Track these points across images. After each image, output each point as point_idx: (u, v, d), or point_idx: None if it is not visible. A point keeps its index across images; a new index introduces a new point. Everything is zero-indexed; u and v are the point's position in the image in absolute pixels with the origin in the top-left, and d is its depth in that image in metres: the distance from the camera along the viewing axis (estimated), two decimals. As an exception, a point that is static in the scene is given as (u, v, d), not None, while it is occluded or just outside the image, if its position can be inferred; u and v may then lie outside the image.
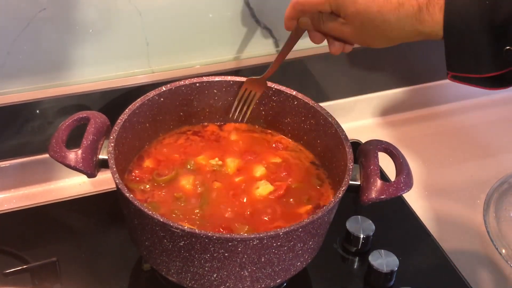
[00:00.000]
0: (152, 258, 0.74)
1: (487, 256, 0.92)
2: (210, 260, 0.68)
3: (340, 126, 0.82)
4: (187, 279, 0.72)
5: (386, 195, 0.73)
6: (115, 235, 0.90)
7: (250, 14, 0.98)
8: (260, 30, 1.00)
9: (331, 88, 1.11)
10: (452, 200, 1.01)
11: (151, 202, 0.78)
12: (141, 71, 0.97)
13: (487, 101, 1.24)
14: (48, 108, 0.91)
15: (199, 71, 0.98)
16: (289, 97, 0.87)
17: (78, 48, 0.91)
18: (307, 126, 0.87)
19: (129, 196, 0.69)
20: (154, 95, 0.84)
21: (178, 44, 0.97)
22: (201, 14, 0.95)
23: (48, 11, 0.85)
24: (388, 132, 1.15)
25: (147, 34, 0.93)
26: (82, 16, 0.88)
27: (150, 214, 0.67)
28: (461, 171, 1.07)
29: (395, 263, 0.83)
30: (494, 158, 1.11)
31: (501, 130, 1.18)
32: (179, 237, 0.67)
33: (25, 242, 0.87)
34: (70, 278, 0.82)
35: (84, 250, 0.86)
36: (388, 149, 0.79)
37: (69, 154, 0.74)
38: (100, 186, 0.95)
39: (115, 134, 0.76)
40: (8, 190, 0.95)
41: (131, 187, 0.80)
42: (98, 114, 0.79)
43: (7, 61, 0.87)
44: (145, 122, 0.84)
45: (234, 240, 0.66)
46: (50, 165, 0.94)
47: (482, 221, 0.95)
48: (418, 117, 1.19)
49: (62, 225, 0.91)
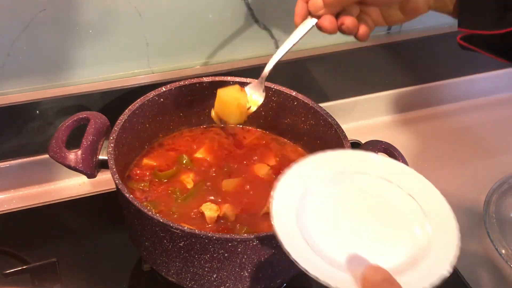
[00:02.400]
0: (152, 259, 0.74)
1: (487, 256, 0.91)
2: (210, 260, 0.68)
3: (340, 126, 0.82)
4: (187, 279, 0.72)
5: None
6: (115, 235, 0.90)
7: (250, 15, 0.98)
8: (260, 30, 1.00)
9: (331, 88, 1.11)
10: (452, 200, 1.01)
11: (151, 201, 0.79)
12: (141, 72, 0.97)
13: (487, 102, 1.24)
14: (48, 108, 0.91)
15: (199, 71, 0.98)
16: (289, 97, 0.87)
17: (78, 49, 0.91)
18: (307, 126, 0.87)
19: (129, 196, 0.69)
20: (154, 95, 0.84)
21: (178, 44, 0.97)
22: (201, 14, 0.95)
23: (48, 11, 0.85)
24: (388, 132, 1.15)
25: (147, 34, 0.94)
26: (82, 17, 0.88)
27: (150, 215, 0.67)
28: (461, 172, 1.07)
29: (395, 264, 0.83)
30: (494, 158, 1.11)
31: (501, 131, 1.18)
32: (179, 238, 0.67)
33: (25, 243, 0.87)
34: (70, 279, 0.82)
35: (84, 251, 0.86)
36: (388, 149, 0.79)
37: (69, 155, 0.74)
38: (100, 186, 0.95)
39: (115, 135, 0.76)
40: (8, 191, 0.95)
41: (130, 186, 0.80)
42: (98, 114, 0.79)
43: (7, 62, 0.87)
44: (145, 122, 0.84)
45: (234, 241, 0.66)
46: (50, 166, 0.94)
47: (482, 221, 0.95)
48: (418, 118, 1.19)
49: (62, 226, 0.91)
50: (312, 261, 0.57)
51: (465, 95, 1.23)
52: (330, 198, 0.63)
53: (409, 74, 1.17)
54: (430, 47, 1.15)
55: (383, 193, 0.65)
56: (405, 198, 0.65)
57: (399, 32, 1.13)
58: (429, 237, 0.62)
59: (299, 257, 0.56)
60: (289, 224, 0.60)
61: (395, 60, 1.13)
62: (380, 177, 0.66)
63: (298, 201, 0.62)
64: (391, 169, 0.67)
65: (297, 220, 0.61)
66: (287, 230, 0.59)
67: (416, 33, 1.13)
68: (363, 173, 0.66)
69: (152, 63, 0.97)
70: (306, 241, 0.59)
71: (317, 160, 0.65)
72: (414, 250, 0.60)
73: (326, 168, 0.65)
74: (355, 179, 0.65)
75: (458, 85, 1.22)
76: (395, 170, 0.68)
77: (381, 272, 0.54)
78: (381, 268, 0.54)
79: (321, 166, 0.65)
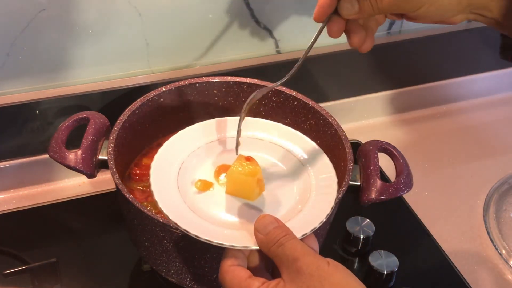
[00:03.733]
0: (152, 259, 0.74)
1: (487, 256, 0.91)
2: (210, 260, 0.68)
3: (340, 126, 0.82)
4: (187, 279, 0.72)
5: (386, 196, 0.73)
6: (115, 235, 0.90)
7: (250, 15, 0.98)
8: (260, 30, 1.00)
9: (331, 88, 1.11)
10: (452, 200, 1.01)
11: (151, 201, 0.78)
12: (141, 72, 0.97)
13: (487, 102, 1.24)
14: (48, 108, 0.91)
15: (199, 71, 0.98)
16: (289, 97, 0.87)
17: (78, 49, 0.91)
18: (307, 126, 0.87)
19: (129, 196, 0.69)
20: (154, 95, 0.84)
21: (178, 44, 0.97)
22: (201, 14, 0.95)
23: (48, 11, 0.85)
24: (388, 132, 1.15)
25: (147, 34, 0.93)
26: (82, 17, 0.88)
27: (150, 215, 0.67)
28: (461, 172, 1.07)
29: (395, 264, 0.83)
30: (494, 158, 1.11)
31: (501, 131, 1.18)
32: (179, 238, 0.67)
33: (25, 243, 0.87)
34: (69, 279, 0.82)
35: (84, 251, 0.86)
36: (388, 149, 0.79)
37: (68, 155, 0.74)
38: (99, 186, 0.95)
39: (115, 135, 0.76)
40: (8, 191, 0.95)
41: (130, 186, 0.80)
42: (98, 114, 0.79)
43: (7, 62, 0.87)
44: (145, 122, 0.84)
45: (234, 241, 0.66)
46: (50, 166, 0.94)
47: (482, 221, 0.95)
48: (418, 118, 1.19)
49: (62, 226, 0.91)
50: (201, 226, 0.62)
51: (465, 95, 1.23)
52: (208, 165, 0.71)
53: (409, 74, 1.17)
54: (430, 47, 1.15)
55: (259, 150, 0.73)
56: (278, 149, 0.75)
57: (399, 32, 1.13)
58: (310, 186, 0.69)
59: (187, 225, 0.60)
60: (171, 196, 0.65)
61: (395, 60, 1.13)
62: (249, 137, 0.75)
63: (178, 174, 0.69)
64: (260, 127, 0.77)
65: (181, 193, 0.66)
66: (171, 202, 0.64)
67: (416, 33, 1.13)
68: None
69: (152, 63, 0.97)
70: (192, 211, 0.64)
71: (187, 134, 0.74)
72: (295, 197, 0.68)
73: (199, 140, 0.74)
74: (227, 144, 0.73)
75: (458, 85, 1.22)
76: (262, 127, 0.77)
77: (267, 218, 0.58)
78: (268, 215, 0.59)
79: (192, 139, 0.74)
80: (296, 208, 0.66)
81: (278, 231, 0.57)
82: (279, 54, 1.04)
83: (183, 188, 0.67)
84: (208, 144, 0.74)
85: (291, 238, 0.56)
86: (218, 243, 0.59)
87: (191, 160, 0.71)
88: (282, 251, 0.56)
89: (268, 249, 0.57)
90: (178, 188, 0.67)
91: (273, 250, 0.56)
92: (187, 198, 0.66)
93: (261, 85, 0.88)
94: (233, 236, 0.60)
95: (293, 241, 0.56)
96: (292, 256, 0.55)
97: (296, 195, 0.67)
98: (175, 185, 0.67)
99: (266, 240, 0.57)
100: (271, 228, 0.57)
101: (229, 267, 0.58)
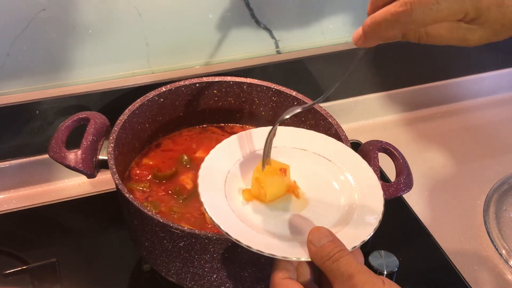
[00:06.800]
0: (152, 259, 0.74)
1: (487, 256, 0.91)
2: (210, 260, 0.68)
3: (340, 126, 0.82)
4: (187, 279, 0.72)
5: (386, 196, 0.73)
6: (115, 235, 0.90)
7: (250, 15, 0.98)
8: (260, 30, 1.00)
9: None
10: (452, 200, 1.01)
11: (151, 201, 0.78)
12: (141, 72, 0.97)
13: (487, 102, 1.24)
14: (47, 108, 0.91)
15: (199, 72, 0.98)
16: (289, 97, 0.87)
17: (78, 49, 0.91)
18: (307, 126, 0.87)
19: (129, 196, 0.69)
20: (153, 95, 0.84)
21: (178, 45, 0.97)
22: (201, 14, 0.95)
23: (48, 11, 0.85)
24: (388, 132, 1.15)
25: (147, 34, 0.93)
26: (82, 17, 0.88)
27: (150, 215, 0.67)
28: (461, 172, 1.07)
29: (395, 264, 0.83)
30: (494, 158, 1.11)
31: (501, 131, 1.18)
32: (179, 238, 0.67)
33: (25, 243, 0.87)
34: (69, 279, 0.82)
35: (83, 251, 0.86)
36: (388, 149, 0.79)
37: (68, 155, 0.74)
38: (99, 186, 0.95)
39: (115, 135, 0.76)
40: (8, 191, 0.95)
41: (130, 186, 0.80)
42: (98, 114, 0.79)
43: (7, 62, 0.87)
44: (144, 122, 0.84)
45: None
46: (50, 166, 0.94)
47: (482, 221, 0.95)
48: (418, 118, 1.19)
49: (62, 226, 0.91)
50: (253, 236, 0.59)
51: (465, 95, 1.23)
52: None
53: (409, 74, 1.17)
54: (431, 47, 1.14)
55: (307, 163, 0.69)
56: (324, 162, 0.70)
57: (399, 32, 1.13)
58: (355, 196, 0.66)
59: (240, 237, 0.58)
60: (220, 205, 0.62)
61: (396, 60, 1.13)
62: (294, 147, 0.71)
63: (226, 180, 0.65)
64: (312, 142, 0.73)
65: (228, 201, 0.63)
66: (220, 212, 0.61)
67: (416, 33, 1.13)
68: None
69: (152, 63, 0.97)
70: (242, 221, 0.61)
71: (234, 143, 0.69)
72: (343, 208, 0.64)
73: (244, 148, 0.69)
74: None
75: (458, 85, 1.22)
76: (314, 141, 0.73)
77: (322, 231, 0.57)
78: (322, 227, 0.58)
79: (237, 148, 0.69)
80: (344, 219, 0.64)
81: (332, 246, 0.56)
82: (279, 54, 1.04)
83: (230, 197, 0.64)
84: (252, 153, 0.70)
85: (345, 254, 0.56)
86: (270, 254, 0.56)
87: (236, 169, 0.67)
88: (336, 267, 0.55)
89: (323, 263, 0.56)
90: (226, 197, 0.64)
91: (327, 265, 0.55)
92: (235, 207, 0.63)
93: (261, 85, 0.88)
94: (284, 247, 0.58)
95: (347, 257, 0.55)
96: (347, 272, 0.54)
97: (344, 206, 0.65)
98: (223, 194, 0.64)
99: (320, 253, 0.56)
100: (325, 241, 0.56)
101: (282, 280, 0.57)
